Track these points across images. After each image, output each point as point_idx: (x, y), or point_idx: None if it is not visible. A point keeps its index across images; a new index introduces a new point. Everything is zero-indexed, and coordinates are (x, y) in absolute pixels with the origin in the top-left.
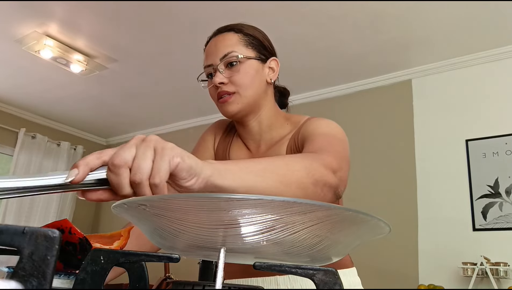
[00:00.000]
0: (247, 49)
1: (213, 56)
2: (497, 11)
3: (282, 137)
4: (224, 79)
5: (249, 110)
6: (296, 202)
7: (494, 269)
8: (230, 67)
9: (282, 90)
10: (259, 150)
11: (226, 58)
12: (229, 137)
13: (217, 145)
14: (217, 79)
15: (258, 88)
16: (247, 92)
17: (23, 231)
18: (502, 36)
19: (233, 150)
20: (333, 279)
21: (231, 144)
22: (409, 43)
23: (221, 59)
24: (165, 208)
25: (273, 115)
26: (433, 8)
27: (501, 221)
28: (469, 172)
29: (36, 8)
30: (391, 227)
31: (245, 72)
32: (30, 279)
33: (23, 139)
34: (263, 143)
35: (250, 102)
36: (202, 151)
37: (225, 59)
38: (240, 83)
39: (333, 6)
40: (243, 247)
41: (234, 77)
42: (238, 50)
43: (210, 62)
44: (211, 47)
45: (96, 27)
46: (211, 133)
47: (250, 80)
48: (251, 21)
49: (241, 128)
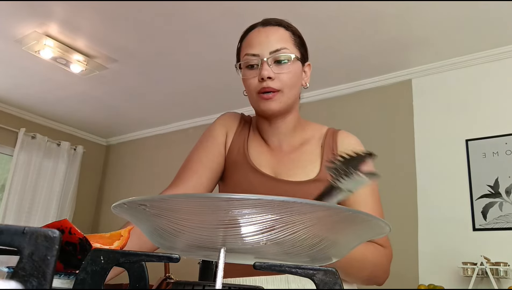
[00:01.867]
0: (296, 49)
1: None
2: (497, 11)
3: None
4: (272, 74)
5: (285, 111)
6: (296, 202)
7: (494, 269)
8: (278, 64)
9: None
10: (281, 148)
11: (277, 52)
12: (244, 133)
13: (231, 141)
14: (266, 72)
15: (298, 91)
16: (291, 92)
17: (23, 231)
18: (502, 36)
19: (252, 146)
20: (333, 279)
21: (248, 139)
22: (409, 43)
23: (272, 52)
24: (165, 208)
25: (297, 118)
26: (433, 8)
27: (501, 221)
28: (469, 172)
29: (36, 8)
30: (391, 227)
31: (294, 72)
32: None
33: (23, 139)
34: (285, 143)
35: (290, 103)
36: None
37: (276, 53)
38: (288, 82)
39: (333, 6)
40: (243, 247)
41: (283, 75)
42: (290, 48)
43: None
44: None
45: (96, 27)
46: (221, 128)
47: (296, 81)
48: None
49: (267, 125)
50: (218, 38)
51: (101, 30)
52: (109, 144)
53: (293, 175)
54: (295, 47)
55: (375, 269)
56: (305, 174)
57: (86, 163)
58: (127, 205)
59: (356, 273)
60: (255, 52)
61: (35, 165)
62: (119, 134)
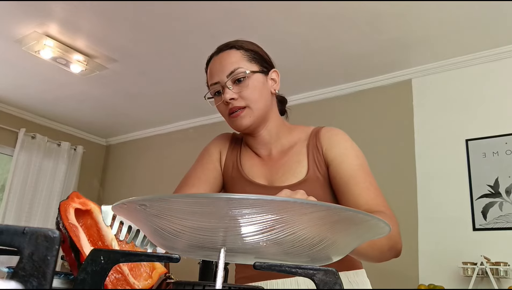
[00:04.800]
0: (251, 64)
1: (220, 74)
2: (497, 11)
3: (293, 143)
4: (234, 95)
5: (259, 122)
6: (296, 202)
7: (494, 268)
8: (238, 83)
9: (280, 98)
10: (271, 156)
11: (233, 74)
12: (236, 149)
13: (225, 159)
14: (227, 95)
15: (266, 100)
16: (257, 105)
17: (23, 231)
18: (502, 36)
19: (245, 160)
20: (333, 279)
21: (240, 155)
22: (409, 43)
23: (228, 76)
24: (165, 208)
25: (279, 123)
26: (433, 8)
27: (501, 221)
28: (469, 172)
29: (36, 8)
30: (391, 227)
31: (253, 86)
32: (30, 279)
33: (23, 139)
34: (274, 149)
35: (260, 114)
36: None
37: (232, 75)
38: (250, 97)
39: (333, 6)
40: (243, 247)
41: (243, 92)
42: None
43: (216, 80)
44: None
45: (96, 27)
46: (215, 148)
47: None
48: (252, 21)
49: (251, 139)
50: (218, 38)
51: (101, 30)
52: (109, 144)
53: (285, 180)
54: (250, 62)
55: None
56: (295, 177)
57: (86, 163)
58: (127, 205)
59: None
60: (215, 81)
61: (35, 165)
62: (119, 134)
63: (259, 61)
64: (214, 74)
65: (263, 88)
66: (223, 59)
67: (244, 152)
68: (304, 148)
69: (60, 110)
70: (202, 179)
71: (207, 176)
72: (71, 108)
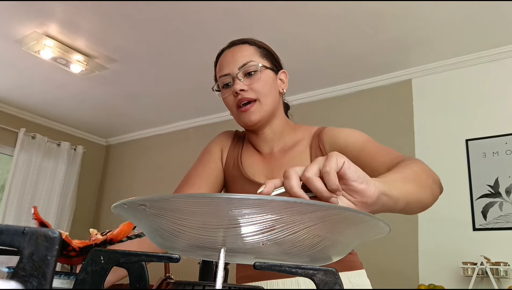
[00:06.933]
0: (263, 60)
1: (231, 66)
2: (497, 11)
3: (296, 142)
4: (244, 86)
5: (267, 119)
6: (296, 202)
7: (494, 268)
8: (248, 76)
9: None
10: (272, 154)
11: (245, 67)
12: (237, 147)
13: (226, 157)
14: (238, 86)
15: (275, 97)
16: (267, 99)
17: (23, 231)
18: (502, 36)
19: (245, 156)
20: (333, 279)
21: (241, 152)
22: (409, 43)
23: (240, 68)
24: (165, 208)
25: (284, 123)
26: (433, 8)
27: (501, 221)
28: (469, 172)
29: (36, 8)
30: (391, 227)
31: (264, 81)
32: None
33: (23, 139)
34: (276, 147)
35: (269, 110)
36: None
37: (244, 68)
38: (261, 90)
39: (333, 6)
40: (243, 247)
41: (254, 85)
42: (256, 60)
43: (227, 71)
44: (227, 57)
45: (96, 27)
46: (217, 146)
47: (269, 88)
48: (252, 21)
49: (254, 136)
50: (218, 38)
51: (101, 30)
52: (109, 144)
53: None
54: (262, 58)
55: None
56: None
57: (86, 163)
58: (127, 205)
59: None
60: (226, 72)
61: (35, 165)
62: (119, 134)
63: (270, 59)
64: (225, 66)
65: (273, 85)
66: (235, 52)
67: (246, 149)
68: (307, 148)
69: (60, 110)
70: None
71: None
72: (71, 108)
